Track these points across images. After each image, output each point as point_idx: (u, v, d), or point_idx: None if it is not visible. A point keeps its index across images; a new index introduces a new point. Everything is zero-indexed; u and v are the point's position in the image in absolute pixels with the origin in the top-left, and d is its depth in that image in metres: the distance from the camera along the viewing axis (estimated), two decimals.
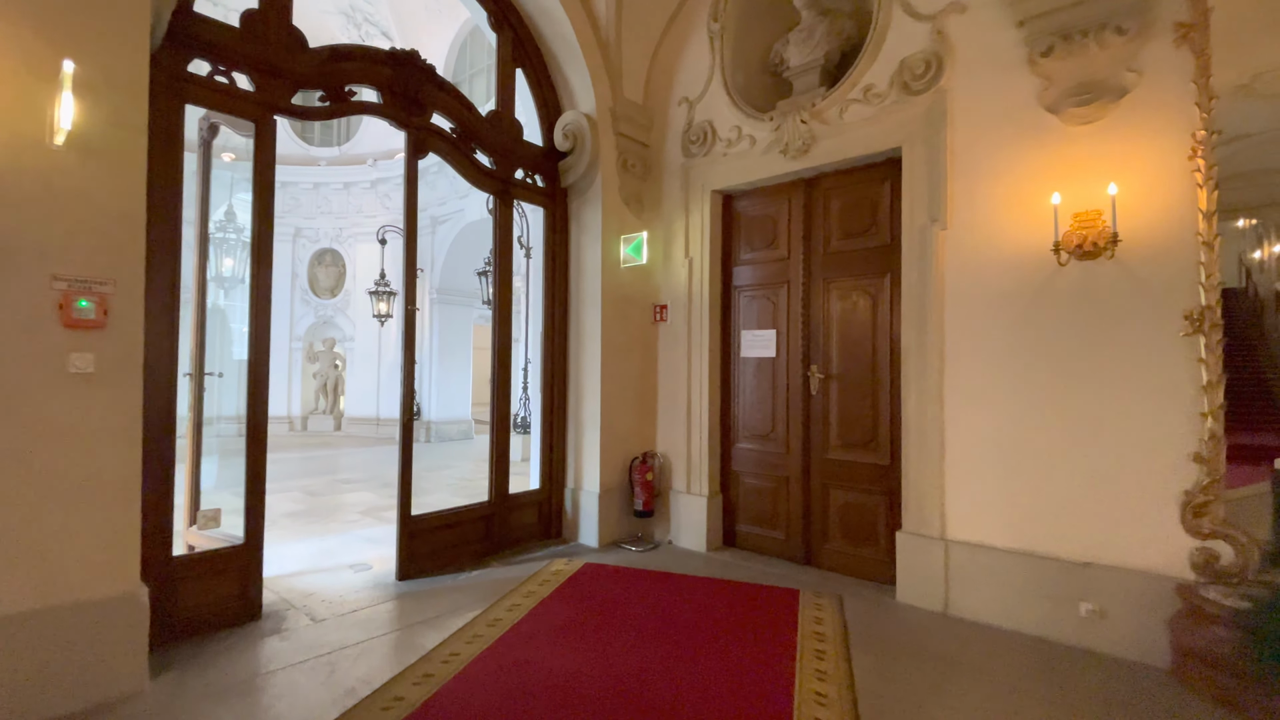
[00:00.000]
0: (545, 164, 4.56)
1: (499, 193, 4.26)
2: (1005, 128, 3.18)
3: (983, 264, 3.24)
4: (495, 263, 4.28)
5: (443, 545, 3.89)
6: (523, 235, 8.77)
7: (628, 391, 4.65)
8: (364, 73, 3.49)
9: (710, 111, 4.41)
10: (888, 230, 3.75)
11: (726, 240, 4.50)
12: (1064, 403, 3.00)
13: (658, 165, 4.74)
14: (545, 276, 4.61)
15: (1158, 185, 2.77)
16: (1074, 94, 2.96)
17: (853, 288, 3.89)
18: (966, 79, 3.31)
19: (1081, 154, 2.97)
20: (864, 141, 3.68)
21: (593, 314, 4.48)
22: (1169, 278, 2.75)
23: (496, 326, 4.25)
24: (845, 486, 3.88)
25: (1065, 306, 2.99)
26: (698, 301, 4.43)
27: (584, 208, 4.56)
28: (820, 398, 3.99)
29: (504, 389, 4.24)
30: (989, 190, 3.23)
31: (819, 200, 4.05)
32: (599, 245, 4.45)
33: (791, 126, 3.92)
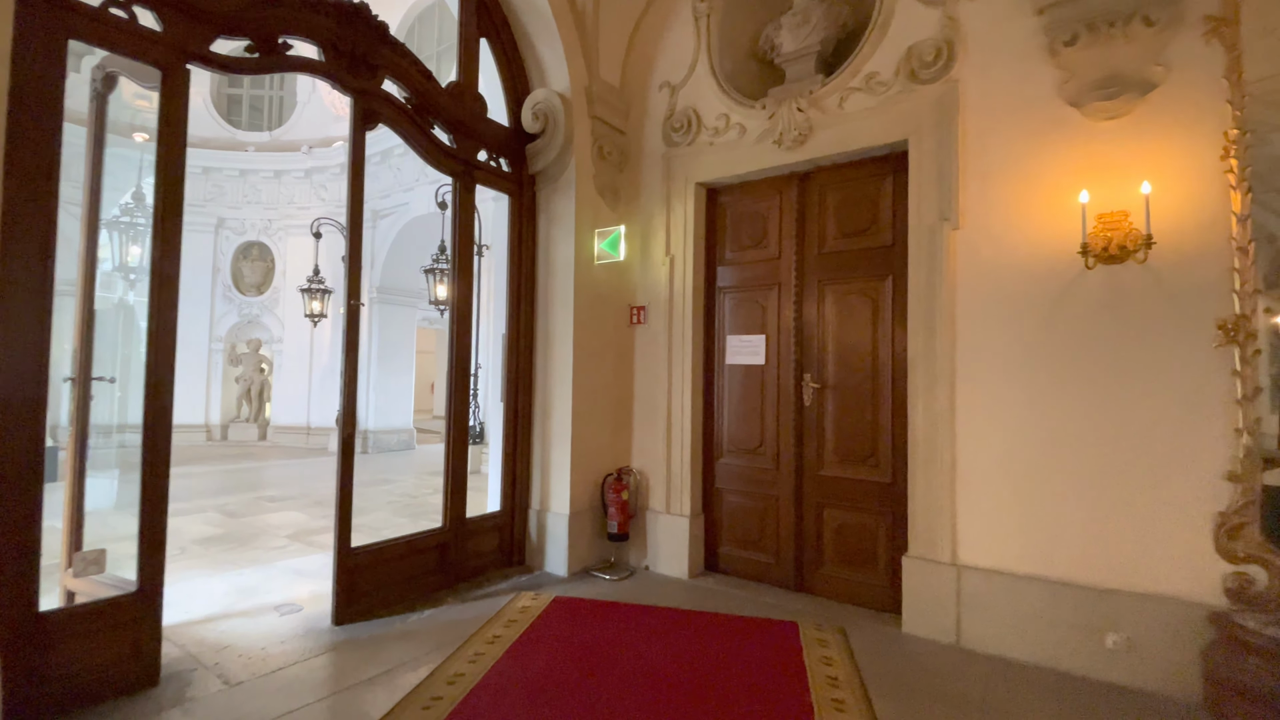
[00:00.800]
0: (511, 146, 4.09)
1: (460, 175, 3.76)
2: (1023, 121, 2.98)
3: (998, 267, 3.01)
4: (454, 255, 3.78)
5: (390, 580, 3.34)
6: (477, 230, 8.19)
7: (601, 401, 4.23)
8: (302, 22, 2.95)
9: (695, 98, 4.07)
10: (889, 230, 3.50)
11: (711, 237, 4.15)
12: (1087, 417, 2.79)
13: (635, 154, 4.36)
14: (511, 272, 4.13)
15: (1188, 186, 2.60)
16: (1098, 87, 2.77)
17: (850, 291, 3.61)
18: (980, 69, 3.09)
19: (1106, 151, 2.78)
20: (867, 133, 3.42)
21: (563, 315, 4.03)
22: (1200, 284, 2.58)
23: (454, 328, 3.75)
24: (842, 506, 3.59)
25: (1088, 314, 2.79)
26: (679, 303, 4.06)
27: (554, 197, 4.12)
28: (814, 409, 3.69)
29: (462, 398, 3.74)
30: (1005, 188, 3.01)
31: (814, 196, 3.76)
32: (572, 239, 4.02)
33: (787, 115, 3.62)
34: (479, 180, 3.87)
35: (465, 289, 3.80)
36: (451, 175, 3.75)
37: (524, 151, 4.15)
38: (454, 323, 3.75)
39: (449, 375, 3.73)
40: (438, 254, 8.09)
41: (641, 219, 4.28)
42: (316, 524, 5.31)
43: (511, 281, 4.13)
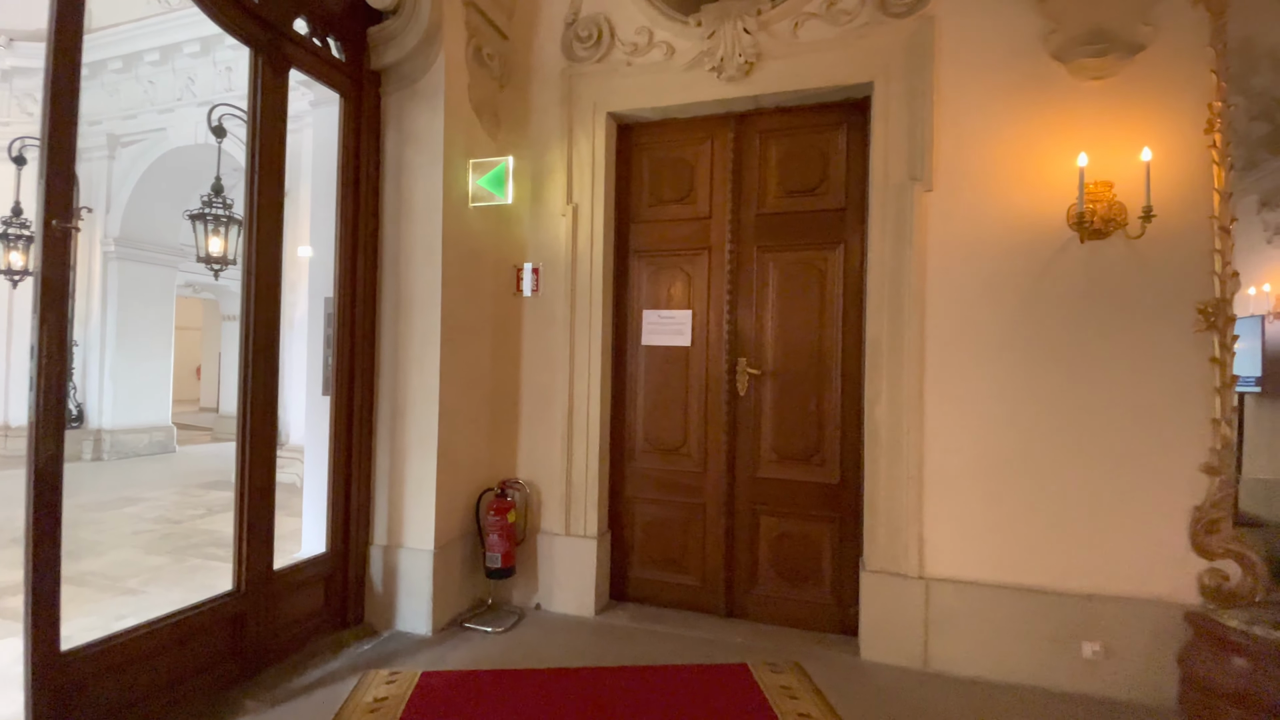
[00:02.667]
0: (346, 24, 2.82)
1: (264, 46, 2.43)
2: (1003, 72, 2.62)
3: (974, 238, 2.64)
4: (253, 174, 2.44)
5: (142, 692, 2.01)
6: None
7: (476, 393, 3.18)
8: None
9: (606, 3, 3.17)
10: (842, 190, 2.99)
11: (623, 186, 3.31)
12: (1063, 407, 2.53)
13: (523, 69, 3.33)
14: (343, 210, 2.87)
15: (1171, 159, 2.41)
16: (1086, 42, 2.49)
17: (795, 261, 3.05)
18: (959, 7, 2.67)
19: (1090, 113, 2.52)
20: (825, 70, 2.85)
21: (426, 274, 2.90)
22: (1181, 265, 2.42)
23: (252, 286, 2.43)
24: (781, 512, 3.04)
25: (1071, 294, 2.53)
26: (584, 267, 3.16)
27: (412, 107, 2.94)
28: (750, 399, 3.08)
29: (264, 391, 2.45)
30: (982, 147, 2.64)
31: (752, 143, 3.12)
32: (439, 168, 2.89)
33: (731, 36, 2.92)
34: (295, 63, 2.56)
35: (271, 228, 2.49)
36: (249, 44, 2.41)
37: (365, 35, 2.90)
38: (251, 278, 2.43)
39: (244, 356, 2.41)
40: (210, 196, 6.06)
41: (532, 154, 3.28)
42: (12, 577, 3.46)
43: (344, 223, 2.87)
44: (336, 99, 2.90)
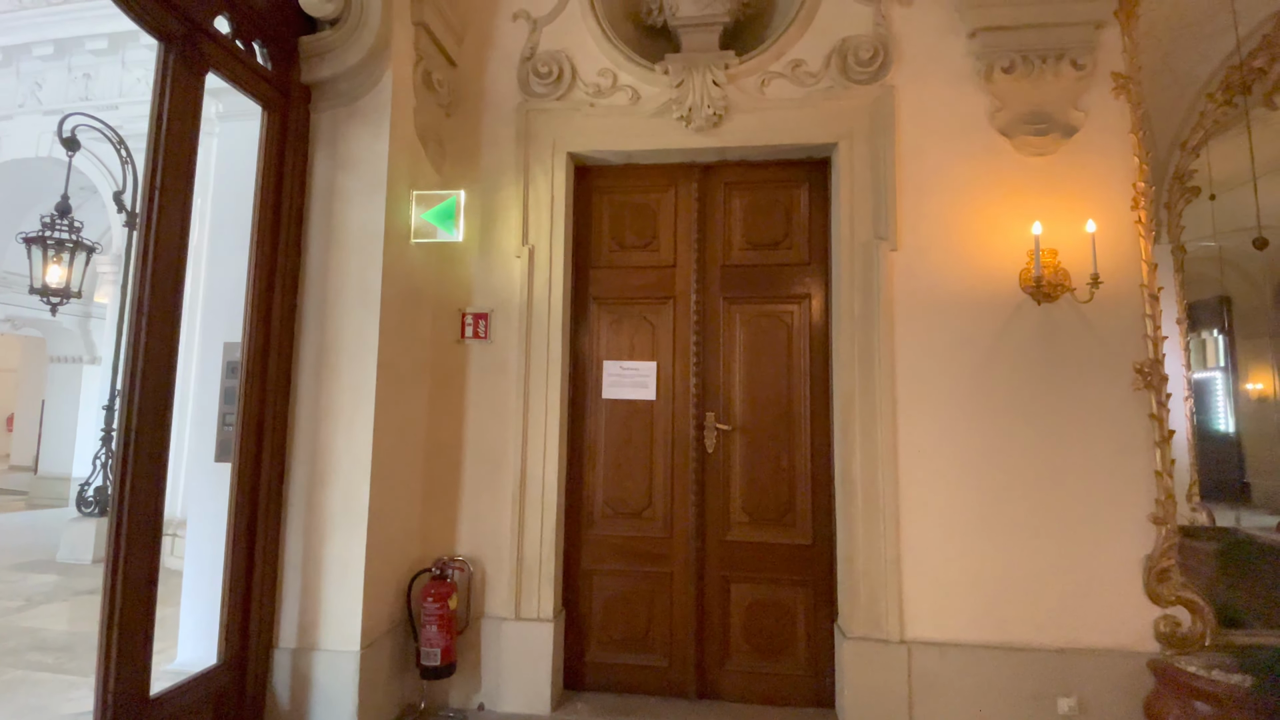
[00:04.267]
0: (275, 29, 2.45)
1: (177, 40, 2.01)
2: (957, 142, 2.77)
3: (938, 295, 2.71)
4: (153, 193, 1.97)
5: None
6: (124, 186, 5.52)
7: (411, 456, 2.76)
8: None
9: (567, 41, 3.04)
10: (805, 245, 2.99)
11: (583, 229, 3.11)
12: (1029, 463, 2.61)
13: (473, 99, 3.08)
14: (257, 239, 2.41)
15: (1106, 231, 2.63)
16: (1027, 121, 2.71)
17: (761, 313, 2.98)
18: (915, 80, 2.82)
19: (1036, 186, 2.71)
20: (792, 128, 2.88)
21: (359, 316, 2.49)
22: (1120, 327, 2.61)
23: (142, 329, 1.92)
24: (753, 578, 2.85)
25: (1028, 352, 2.64)
26: (541, 312, 2.89)
27: (350, 127, 2.59)
28: (719, 456, 2.91)
29: (150, 458, 1.92)
30: (942, 211, 2.75)
31: (716, 194, 3.07)
32: (381, 197, 2.54)
33: (700, 87, 2.87)
34: (213, 64, 2.15)
35: (171, 258, 2.01)
36: (160, 37, 1.98)
37: (296, 44, 2.53)
38: (141, 317, 1.92)
39: (126, 413, 1.88)
40: (54, 216, 5.12)
41: (482, 189, 3.01)
42: None
43: (259, 254, 2.40)
44: (251, 112, 2.50)
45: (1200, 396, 6.27)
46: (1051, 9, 2.67)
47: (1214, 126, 5.29)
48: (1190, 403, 5.39)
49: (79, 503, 5.39)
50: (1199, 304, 9.94)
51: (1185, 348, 5.19)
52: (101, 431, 5.39)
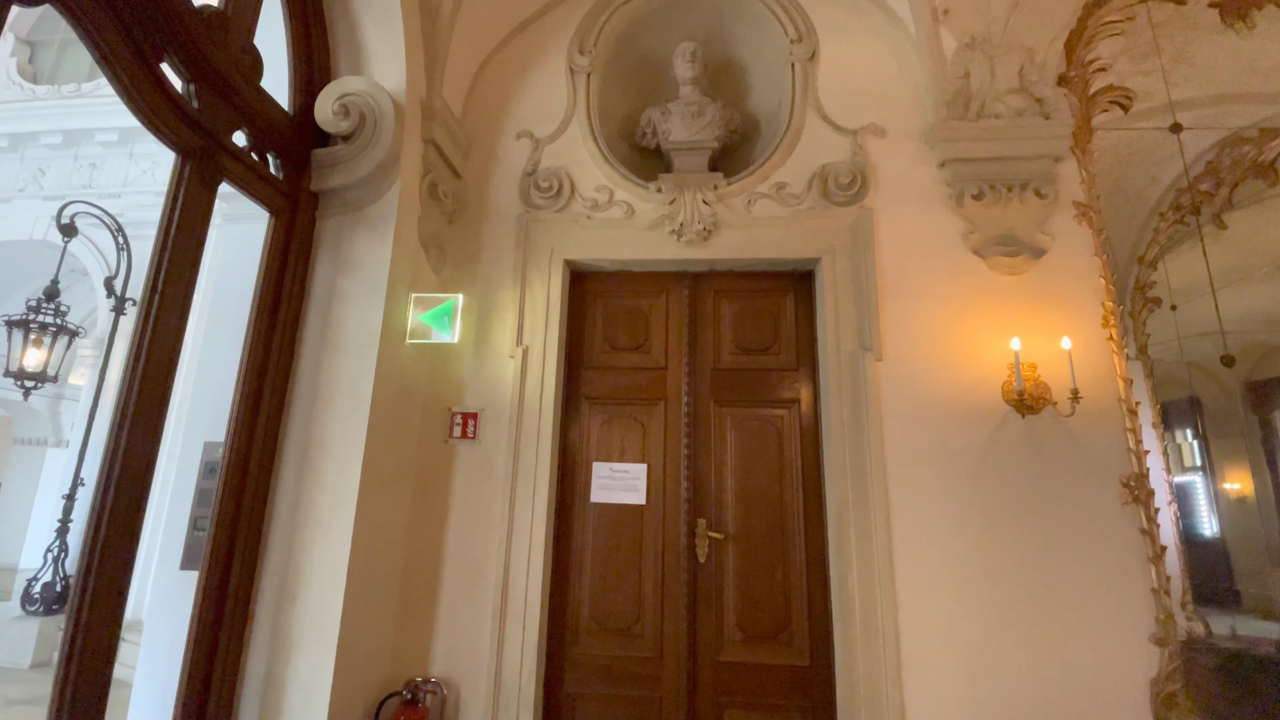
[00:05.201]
0: (290, 142, 2.57)
1: (196, 154, 2.10)
2: (935, 260, 2.93)
3: (927, 405, 2.76)
4: (153, 296, 1.99)
5: None
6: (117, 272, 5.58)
7: (388, 566, 2.63)
8: None
9: (567, 159, 3.23)
10: (793, 351, 3.07)
11: (576, 331, 3.17)
12: (1025, 579, 2.56)
13: (476, 208, 3.22)
14: (252, 339, 2.41)
15: (1082, 347, 2.74)
16: (998, 243, 2.88)
17: (752, 417, 3.00)
18: (892, 203, 3.02)
19: (1011, 303, 2.84)
20: (777, 244, 3.03)
21: (349, 418, 2.46)
22: (1104, 440, 2.66)
23: (126, 428, 1.88)
24: (748, 702, 2.68)
25: (1016, 464, 2.66)
26: (532, 413, 2.88)
27: (355, 233, 2.67)
28: (712, 567, 2.82)
29: (117, 561, 1.80)
30: (924, 324, 2.86)
31: (706, 300, 3.17)
32: (380, 300, 2.58)
33: (690, 204, 3.04)
34: (227, 175, 2.23)
35: (163, 360, 1.99)
36: (180, 151, 2.07)
37: (309, 155, 2.65)
38: (125, 419, 1.88)
39: (96, 511, 1.79)
40: (41, 300, 5.10)
41: (480, 292, 3.07)
42: None
43: (252, 354, 2.39)
44: (253, 216, 2.57)
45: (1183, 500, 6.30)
46: (1012, 145, 2.91)
47: (1168, 242, 5.68)
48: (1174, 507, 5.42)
49: (24, 599, 5.00)
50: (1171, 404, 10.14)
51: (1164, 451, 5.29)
52: (58, 522, 5.10)
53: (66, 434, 8.29)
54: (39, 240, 6.27)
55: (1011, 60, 2.94)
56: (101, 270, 6.05)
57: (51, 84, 6.96)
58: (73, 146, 6.67)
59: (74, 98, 6.62)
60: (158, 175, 6.39)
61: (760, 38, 3.37)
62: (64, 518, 5.06)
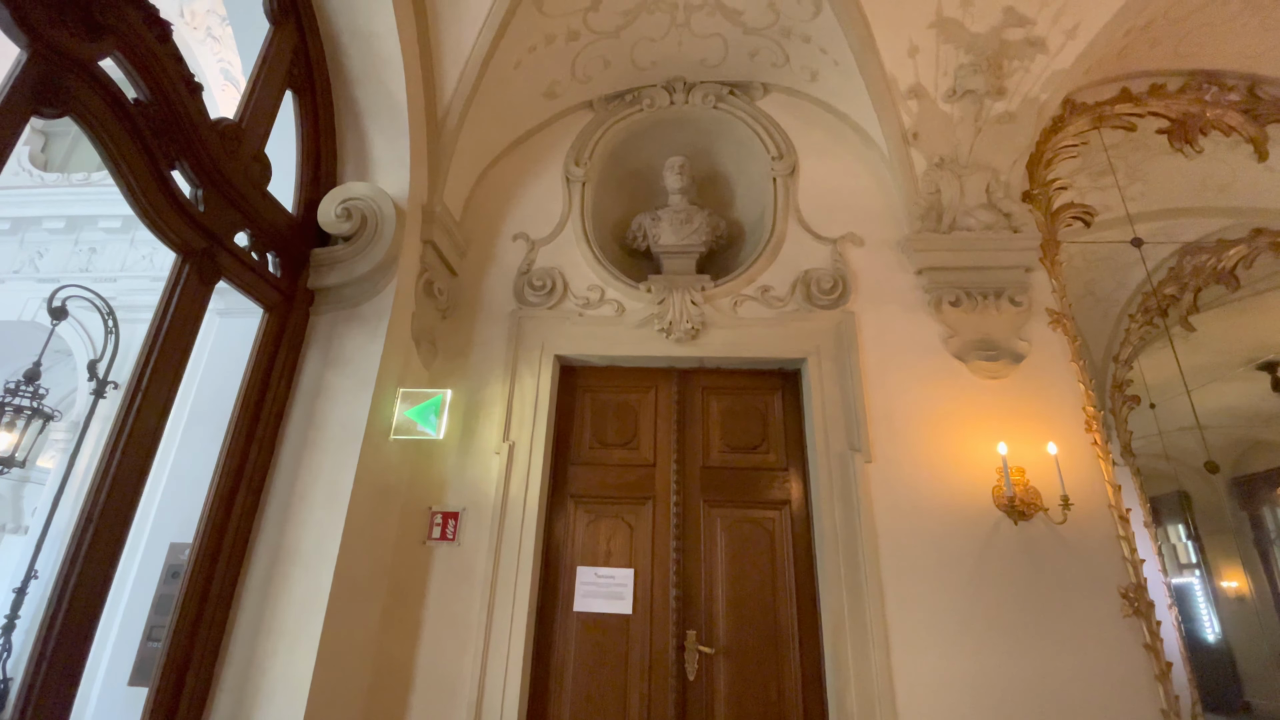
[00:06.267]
0: (291, 242, 2.64)
1: (196, 256, 2.15)
2: (918, 363, 2.99)
3: (920, 510, 2.72)
4: (136, 393, 1.96)
5: None
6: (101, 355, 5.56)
7: (355, 680, 2.45)
8: None
9: (561, 259, 3.34)
10: (782, 449, 3.06)
11: (563, 426, 3.14)
12: (1031, 695, 2.43)
13: (469, 304, 3.28)
14: (232, 436, 2.36)
15: (1068, 451, 2.75)
16: (978, 348, 2.96)
17: (743, 519, 2.93)
18: (873, 307, 3.12)
19: (996, 406, 2.88)
20: (764, 344, 3.09)
21: (325, 520, 2.37)
22: (1098, 548, 2.62)
23: (90, 529, 1.79)
24: None
25: (1011, 571, 2.60)
26: (515, 512, 2.80)
27: (346, 329, 2.69)
28: (702, 685, 2.65)
29: (66, 659, 1.66)
30: (910, 425, 2.87)
31: (695, 397, 3.18)
32: (367, 396, 2.56)
33: (680, 305, 3.13)
34: (225, 274, 2.28)
35: (137, 458, 1.94)
36: (181, 252, 2.12)
37: (308, 255, 2.72)
38: (89, 523, 1.80)
39: (55, 592, 1.67)
40: (19, 382, 5.02)
41: (468, 387, 3.07)
42: None
43: (230, 451, 2.34)
44: (247, 311, 2.60)
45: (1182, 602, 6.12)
46: (984, 256, 3.06)
47: (1140, 342, 5.87)
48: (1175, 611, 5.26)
49: None
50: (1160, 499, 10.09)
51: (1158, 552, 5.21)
52: (4, 618, 4.74)
53: (27, 519, 7.91)
54: (27, 321, 6.25)
55: (978, 179, 3.15)
56: (86, 353, 6.01)
57: (62, 172, 7.21)
58: (74, 231, 6.80)
59: (82, 186, 6.83)
60: (156, 261, 6.49)
61: (744, 153, 3.61)
62: (12, 613, 4.71)
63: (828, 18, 3.00)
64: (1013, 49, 3.00)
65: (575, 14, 3.10)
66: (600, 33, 3.23)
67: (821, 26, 3.08)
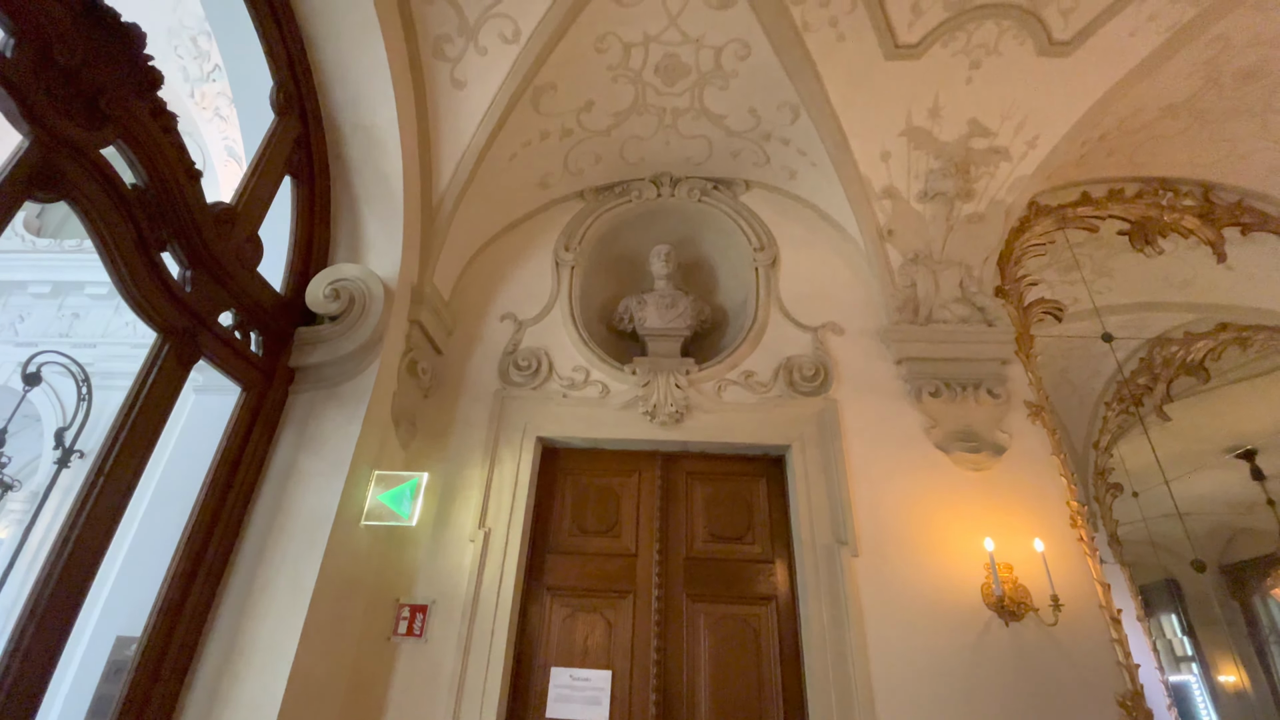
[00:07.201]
0: (276, 320, 2.64)
1: (177, 336, 2.13)
2: (901, 453, 2.98)
3: (909, 607, 2.63)
4: (101, 469, 1.90)
5: None
6: (71, 423, 5.44)
7: None
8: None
9: (547, 340, 3.37)
10: (767, 539, 2.98)
11: (543, 510, 3.06)
12: None
13: (453, 383, 3.26)
14: (195, 521, 2.26)
15: (1055, 547, 2.71)
16: (960, 439, 2.97)
17: (728, 616, 2.81)
18: (855, 395, 3.14)
19: (980, 499, 2.86)
20: (747, 429, 3.09)
21: (284, 614, 2.23)
22: (1092, 652, 2.53)
23: (35, 618, 1.67)
24: None
25: (1005, 678, 2.49)
26: (487, 605, 2.67)
27: (325, 409, 2.64)
28: None
29: None
30: (896, 518, 2.83)
31: (679, 482, 3.13)
32: (341, 480, 2.49)
33: (664, 388, 3.13)
34: (205, 352, 2.25)
35: (93, 544, 1.84)
36: (163, 332, 2.10)
37: (292, 333, 2.72)
38: (35, 614, 1.68)
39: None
40: None
41: (446, 469, 3.00)
42: None
43: (191, 538, 2.23)
44: (224, 387, 2.55)
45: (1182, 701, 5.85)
46: (961, 348, 3.13)
47: (1118, 430, 5.94)
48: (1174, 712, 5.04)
49: None
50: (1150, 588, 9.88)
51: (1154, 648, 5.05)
52: None
53: None
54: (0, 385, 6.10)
55: (952, 274, 3.27)
56: (56, 420, 5.86)
57: (54, 238, 7.26)
58: (60, 296, 6.78)
59: (73, 252, 6.87)
60: (140, 328, 6.43)
61: (727, 243, 3.74)
62: None
63: (805, 124, 3.20)
64: (978, 156, 3.20)
65: (569, 113, 3.28)
66: (592, 131, 3.41)
67: (799, 131, 3.28)
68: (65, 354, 5.45)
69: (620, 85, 3.18)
